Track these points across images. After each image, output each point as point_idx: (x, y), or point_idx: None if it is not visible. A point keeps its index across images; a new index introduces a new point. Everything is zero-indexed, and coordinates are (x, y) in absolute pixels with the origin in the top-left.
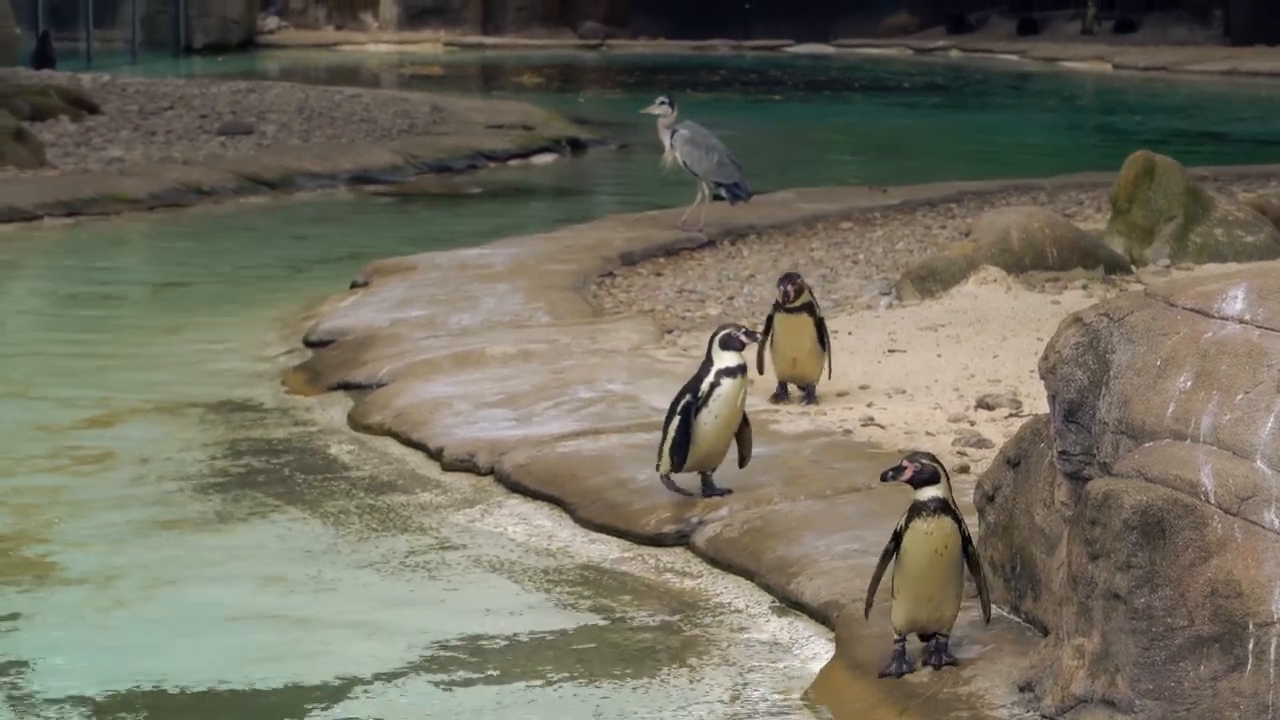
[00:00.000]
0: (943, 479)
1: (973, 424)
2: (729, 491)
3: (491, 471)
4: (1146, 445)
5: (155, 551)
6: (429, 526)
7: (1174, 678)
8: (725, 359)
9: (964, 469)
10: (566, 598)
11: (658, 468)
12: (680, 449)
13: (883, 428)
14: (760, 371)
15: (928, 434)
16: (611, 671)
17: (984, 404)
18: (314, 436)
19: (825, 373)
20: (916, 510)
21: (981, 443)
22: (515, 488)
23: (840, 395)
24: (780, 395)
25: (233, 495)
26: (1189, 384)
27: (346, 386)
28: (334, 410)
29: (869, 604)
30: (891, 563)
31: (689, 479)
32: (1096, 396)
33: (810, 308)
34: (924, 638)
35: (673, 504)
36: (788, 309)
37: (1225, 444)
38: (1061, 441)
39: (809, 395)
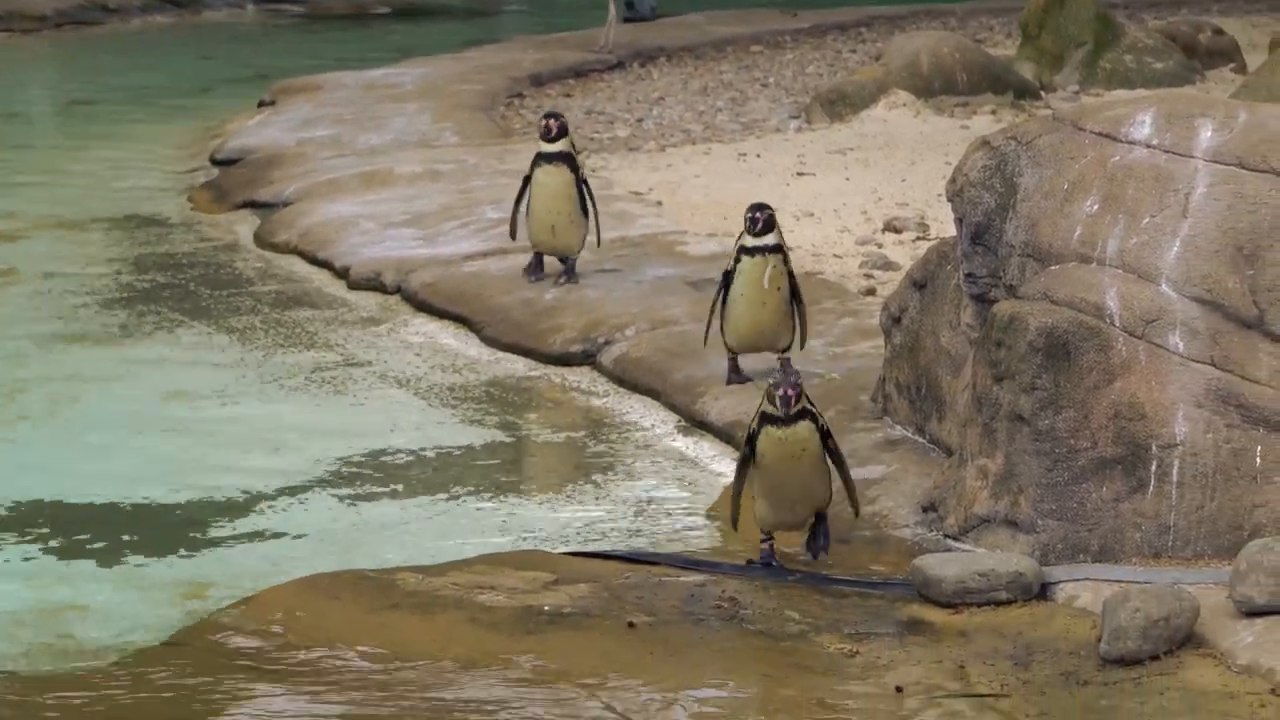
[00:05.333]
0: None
1: (880, 246)
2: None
3: (398, 290)
4: (1053, 268)
5: (59, 366)
6: (335, 343)
7: (1076, 499)
8: (747, 239)
9: (871, 291)
10: (472, 414)
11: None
12: (711, 317)
13: (791, 250)
14: (513, 237)
15: (835, 256)
16: (518, 487)
17: (891, 227)
18: (220, 253)
19: (588, 243)
20: (766, 419)
21: (888, 265)
22: (422, 306)
23: None
24: (534, 269)
25: (137, 310)
26: (1095, 207)
27: (253, 205)
28: (240, 228)
29: (734, 515)
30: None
31: (763, 362)
32: (1003, 219)
33: (571, 159)
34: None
35: (580, 324)
36: (545, 157)
37: (1131, 267)
38: (968, 264)
39: (568, 272)
